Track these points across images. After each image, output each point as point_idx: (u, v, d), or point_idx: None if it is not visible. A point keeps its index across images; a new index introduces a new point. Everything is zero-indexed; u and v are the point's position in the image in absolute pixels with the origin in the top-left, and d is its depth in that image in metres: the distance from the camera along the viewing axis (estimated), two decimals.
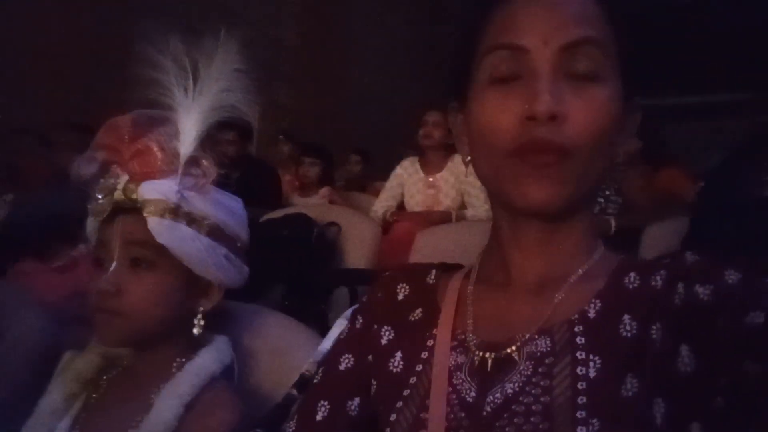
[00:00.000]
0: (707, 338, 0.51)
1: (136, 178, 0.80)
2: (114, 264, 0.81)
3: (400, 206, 3.13)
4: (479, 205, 2.78)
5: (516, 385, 0.55)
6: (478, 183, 0.63)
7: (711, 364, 0.50)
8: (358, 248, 2.11)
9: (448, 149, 2.97)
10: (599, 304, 0.57)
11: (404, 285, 0.69)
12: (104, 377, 0.90)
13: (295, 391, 0.70)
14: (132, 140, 0.79)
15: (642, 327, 0.54)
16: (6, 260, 1.85)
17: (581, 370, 0.53)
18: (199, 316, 0.86)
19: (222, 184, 0.91)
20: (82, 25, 4.58)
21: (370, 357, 0.66)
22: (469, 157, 0.63)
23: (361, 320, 0.70)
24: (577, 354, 0.54)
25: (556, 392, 0.53)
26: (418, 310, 0.66)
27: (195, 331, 0.86)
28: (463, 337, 0.61)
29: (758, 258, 0.54)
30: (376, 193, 3.49)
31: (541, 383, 0.54)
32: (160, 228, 0.80)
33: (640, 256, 0.64)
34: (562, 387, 0.53)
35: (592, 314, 0.56)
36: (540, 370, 0.55)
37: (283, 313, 1.08)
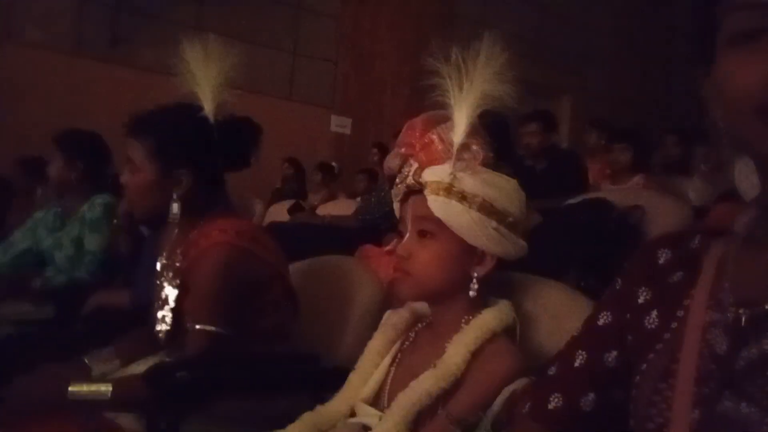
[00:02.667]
0: None
1: (423, 165, 1.00)
2: (407, 235, 1.02)
3: (732, 190, 2.81)
4: None
5: None
6: None
7: None
8: (665, 231, 2.00)
9: None
10: None
11: (666, 250, 0.72)
12: (414, 329, 1.12)
13: None
14: (421, 136, 0.99)
15: None
16: (355, 245, 2.30)
17: None
18: (474, 280, 1.01)
19: (527, 174, 1.03)
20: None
21: (627, 315, 0.71)
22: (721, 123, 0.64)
23: (620, 282, 0.75)
24: None
25: None
26: (679, 273, 0.68)
27: (471, 293, 1.01)
28: (721, 296, 0.62)
29: None
30: (700, 176, 3.19)
31: None
32: (436, 204, 0.97)
33: None
34: None
35: None
36: None
37: (586, 291, 1.14)
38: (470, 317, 1.01)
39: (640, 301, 0.70)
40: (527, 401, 0.75)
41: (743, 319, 0.58)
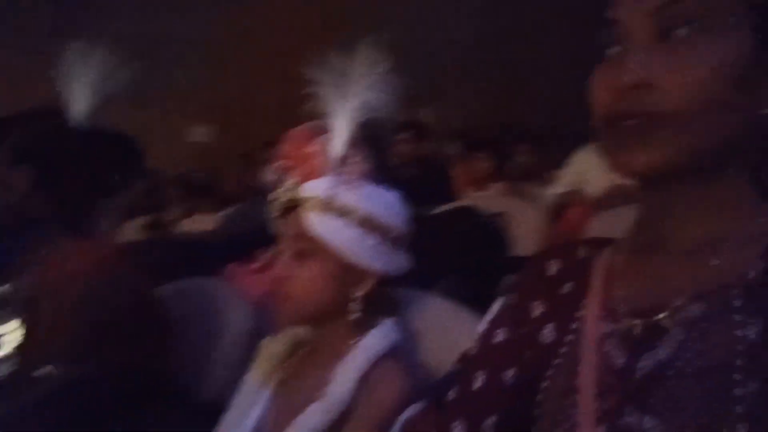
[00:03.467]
0: None
1: (302, 180, 0.93)
2: (286, 254, 0.95)
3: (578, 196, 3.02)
4: None
5: (668, 350, 0.55)
6: None
7: None
8: (526, 237, 2.11)
9: None
10: (761, 266, 0.54)
11: (555, 260, 0.71)
12: (293, 357, 1.04)
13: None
14: (301, 148, 0.92)
15: None
16: (217, 264, 2.15)
17: (739, 333, 0.52)
18: (356, 300, 0.95)
19: (395, 181, 0.99)
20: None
21: (522, 330, 0.69)
22: None
23: (513, 297, 0.73)
24: (735, 317, 0.53)
25: (710, 355, 0.52)
26: (569, 284, 0.68)
27: (352, 316, 0.95)
28: (613, 306, 0.62)
29: None
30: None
31: (695, 347, 0.53)
32: (313, 221, 0.91)
33: None
34: (718, 351, 0.52)
35: (751, 276, 0.54)
36: (693, 335, 0.54)
37: (457, 301, 1.14)
38: (355, 340, 0.95)
39: (534, 314, 0.69)
40: (429, 431, 0.71)
41: (637, 330, 0.58)
